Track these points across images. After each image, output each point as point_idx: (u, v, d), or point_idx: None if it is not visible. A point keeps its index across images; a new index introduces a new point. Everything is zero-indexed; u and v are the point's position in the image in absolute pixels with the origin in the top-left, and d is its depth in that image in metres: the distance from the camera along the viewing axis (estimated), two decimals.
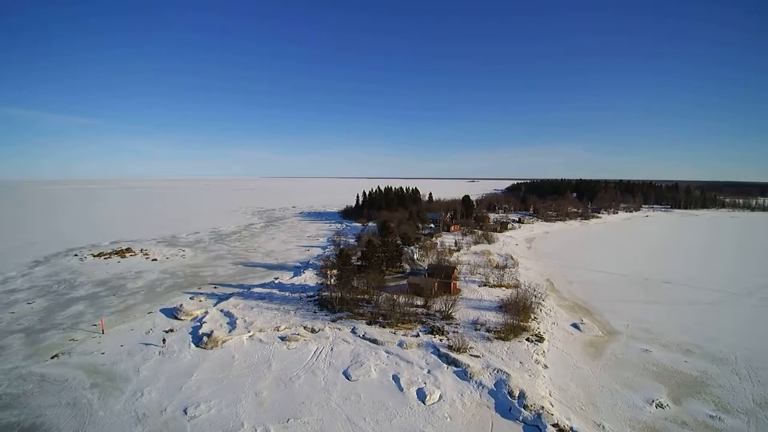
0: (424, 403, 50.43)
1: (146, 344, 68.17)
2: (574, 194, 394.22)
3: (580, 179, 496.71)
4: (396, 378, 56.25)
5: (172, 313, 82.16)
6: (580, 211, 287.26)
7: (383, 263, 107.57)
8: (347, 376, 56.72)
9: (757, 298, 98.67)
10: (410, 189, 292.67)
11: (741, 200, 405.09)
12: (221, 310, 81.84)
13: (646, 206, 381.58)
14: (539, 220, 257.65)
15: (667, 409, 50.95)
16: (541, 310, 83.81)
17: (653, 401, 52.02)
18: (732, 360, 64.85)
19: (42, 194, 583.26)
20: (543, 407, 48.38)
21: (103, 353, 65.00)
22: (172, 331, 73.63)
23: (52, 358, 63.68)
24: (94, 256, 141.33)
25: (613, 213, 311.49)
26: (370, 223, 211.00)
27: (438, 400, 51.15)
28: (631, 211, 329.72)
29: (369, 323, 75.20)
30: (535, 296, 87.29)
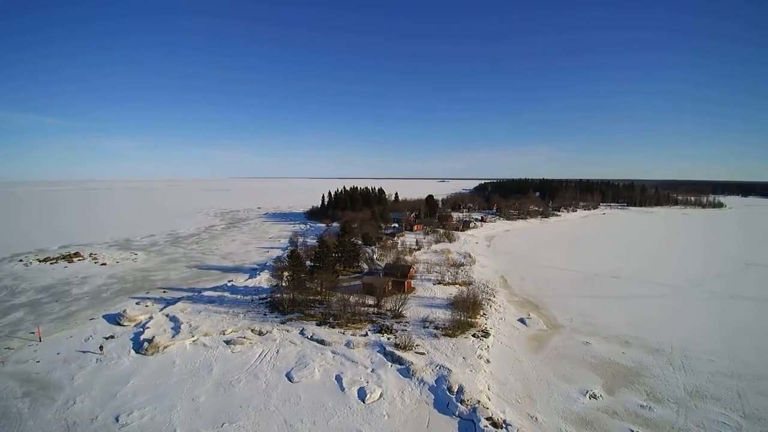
0: (363, 402, 50.42)
1: (84, 352, 65.55)
2: (537, 193, 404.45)
3: (543, 179, 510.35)
4: (339, 378, 56.03)
5: (115, 319, 79.07)
6: (540, 209, 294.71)
7: (338, 263, 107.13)
8: (290, 378, 56.10)
9: (701, 291, 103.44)
10: (375, 189, 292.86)
11: (693, 198, 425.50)
12: (167, 315, 79.42)
13: (604, 204, 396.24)
14: (501, 218, 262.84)
15: (600, 399, 52.66)
16: (491, 307, 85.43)
17: (587, 392, 53.67)
18: (668, 351, 67.47)
19: None
20: (479, 401, 49.22)
21: (38, 362, 62.33)
22: (112, 337, 70.94)
23: None
24: (39, 261, 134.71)
25: (572, 211, 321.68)
26: (335, 224, 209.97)
27: (378, 399, 51.27)
28: (589, 209, 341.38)
29: (319, 324, 74.70)
30: (486, 293, 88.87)
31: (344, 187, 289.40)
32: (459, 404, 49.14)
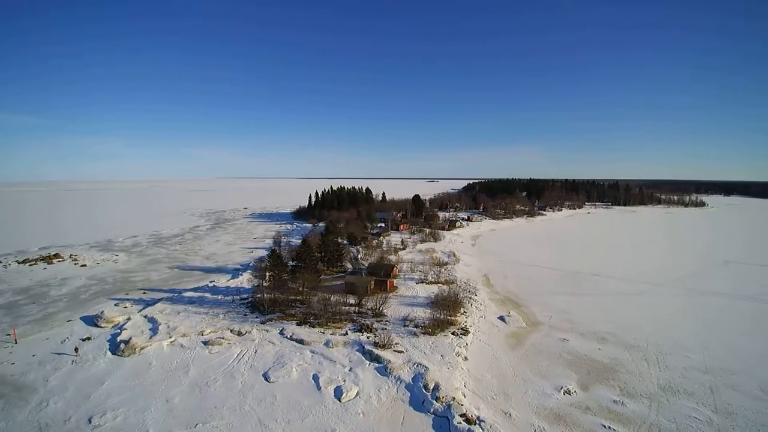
0: (339, 401, 50.51)
1: (59, 353, 64.74)
2: (524, 193, 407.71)
3: (530, 179, 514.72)
4: (315, 377, 56.01)
5: (93, 321, 78.16)
6: (526, 209, 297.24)
7: (321, 263, 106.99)
8: (266, 378, 55.92)
9: (678, 288, 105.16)
10: (363, 189, 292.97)
11: (676, 197, 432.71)
12: (145, 316, 78.54)
13: (589, 203, 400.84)
14: (488, 218, 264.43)
15: (574, 395, 53.30)
16: (471, 305, 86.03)
17: (562, 388, 54.30)
18: (644, 347, 68.46)
19: None
20: (454, 398, 49.60)
21: (13, 363, 61.61)
22: (89, 339, 70.12)
23: None
24: (18, 262, 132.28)
25: (558, 210, 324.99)
26: (321, 224, 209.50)
27: (354, 397, 51.39)
28: (574, 209, 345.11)
29: (299, 324, 74.53)
30: (468, 291, 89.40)
31: (331, 187, 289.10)
32: (434, 401, 49.46)
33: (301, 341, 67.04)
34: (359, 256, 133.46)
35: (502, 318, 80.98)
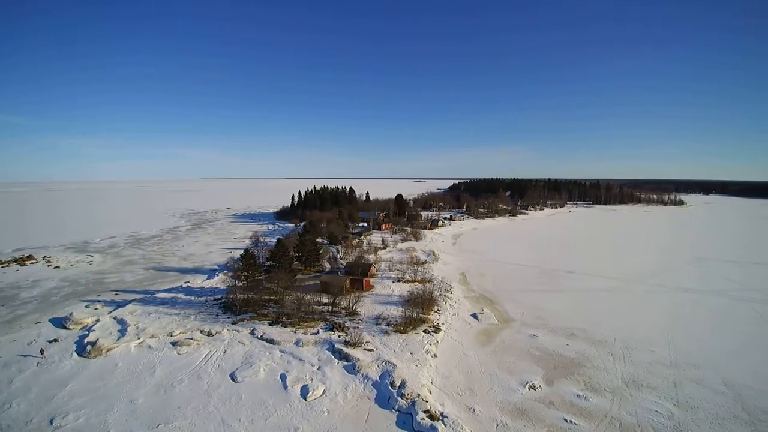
0: (305, 400, 50.54)
1: (25, 355, 63.69)
2: (508, 192, 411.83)
3: (514, 178, 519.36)
4: (283, 377, 55.95)
5: (61, 323, 76.82)
6: (509, 208, 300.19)
7: (297, 262, 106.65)
8: (233, 378, 55.68)
9: (649, 285, 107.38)
10: (345, 188, 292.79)
11: (655, 196, 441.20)
12: (114, 318, 77.29)
13: (571, 203, 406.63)
14: (470, 217, 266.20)
15: (538, 390, 54.21)
16: (446, 303, 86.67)
17: (527, 384, 55.14)
18: (611, 342, 69.74)
19: None
20: (419, 395, 50.05)
21: None
22: (56, 341, 68.99)
23: None
24: None
25: (540, 209, 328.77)
26: (302, 224, 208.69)
27: (320, 396, 51.51)
28: (556, 208, 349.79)
29: (271, 323, 74.25)
30: (443, 289, 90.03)
31: (314, 187, 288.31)
32: (399, 398, 49.86)
33: (271, 341, 66.82)
34: (338, 255, 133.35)
35: (474, 315, 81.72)
